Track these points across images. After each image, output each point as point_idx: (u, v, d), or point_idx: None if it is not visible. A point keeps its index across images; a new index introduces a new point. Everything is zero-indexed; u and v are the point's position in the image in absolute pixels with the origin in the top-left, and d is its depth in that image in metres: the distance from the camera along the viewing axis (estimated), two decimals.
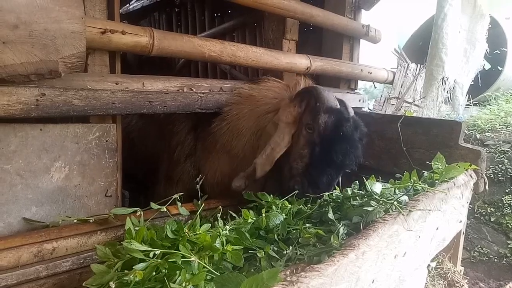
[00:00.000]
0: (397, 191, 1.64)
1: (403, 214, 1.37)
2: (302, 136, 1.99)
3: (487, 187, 2.25)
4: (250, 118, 2.28)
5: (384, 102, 4.94)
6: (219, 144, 2.35)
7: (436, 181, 1.87)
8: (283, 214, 1.63)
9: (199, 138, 2.55)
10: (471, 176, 2.14)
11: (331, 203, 1.68)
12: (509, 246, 4.65)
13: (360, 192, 1.72)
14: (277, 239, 1.48)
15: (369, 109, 5.23)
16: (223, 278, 1.05)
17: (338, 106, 2.01)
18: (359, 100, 3.62)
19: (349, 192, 1.71)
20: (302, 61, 3.02)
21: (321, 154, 1.91)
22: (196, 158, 2.51)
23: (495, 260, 4.74)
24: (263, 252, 1.40)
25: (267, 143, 2.01)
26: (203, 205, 1.62)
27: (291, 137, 2.00)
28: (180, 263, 1.20)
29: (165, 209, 1.62)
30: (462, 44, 3.46)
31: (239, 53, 2.56)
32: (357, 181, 1.87)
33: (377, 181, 1.75)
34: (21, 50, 1.51)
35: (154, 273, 1.16)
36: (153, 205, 1.65)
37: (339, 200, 1.72)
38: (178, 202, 1.78)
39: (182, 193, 1.77)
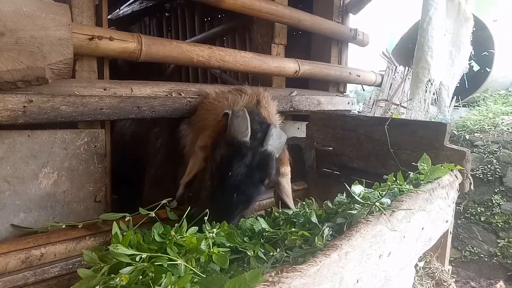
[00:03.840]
0: (380, 193, 1.66)
1: (385, 214, 1.40)
2: (209, 166, 1.85)
3: (472, 187, 2.28)
4: (196, 134, 2.18)
5: (373, 104, 4.99)
6: (186, 148, 2.29)
7: (421, 182, 1.90)
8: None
9: (177, 139, 2.53)
10: (456, 177, 2.17)
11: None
12: (499, 245, 4.70)
13: (344, 199, 1.74)
14: (263, 242, 1.50)
15: (358, 111, 5.28)
16: (208, 280, 1.07)
17: (245, 138, 1.75)
18: (348, 103, 3.67)
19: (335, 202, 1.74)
20: (290, 65, 3.06)
21: (217, 189, 1.75)
22: (174, 160, 2.49)
23: (486, 259, 4.79)
24: (252, 251, 1.42)
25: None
26: (189, 208, 1.63)
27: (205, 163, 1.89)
28: (166, 266, 1.21)
29: (153, 215, 1.63)
30: (448, 47, 3.51)
31: (227, 58, 2.59)
32: (339, 193, 1.87)
33: (362, 184, 1.77)
34: (8, 57, 1.52)
35: (140, 277, 1.18)
36: (142, 211, 1.65)
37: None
38: (166, 207, 1.79)
39: (171, 199, 1.77)
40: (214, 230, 1.47)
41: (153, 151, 2.69)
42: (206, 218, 1.57)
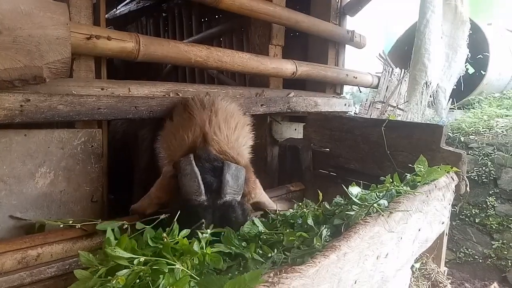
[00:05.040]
0: (377, 195, 1.67)
1: (383, 216, 1.40)
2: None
3: (468, 189, 2.29)
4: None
5: (369, 106, 5.01)
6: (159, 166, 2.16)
7: (418, 183, 1.90)
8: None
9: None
10: (453, 178, 2.18)
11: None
12: (493, 246, 4.73)
13: (341, 201, 1.74)
14: (261, 244, 1.50)
15: (355, 113, 5.30)
16: (206, 281, 1.06)
17: (200, 198, 1.66)
18: (345, 105, 3.68)
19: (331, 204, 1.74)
20: (288, 66, 3.06)
21: None
22: (155, 166, 2.30)
23: (480, 260, 4.81)
24: (250, 253, 1.42)
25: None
26: (179, 212, 1.61)
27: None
28: (166, 270, 1.20)
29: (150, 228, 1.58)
30: (444, 50, 3.54)
31: (225, 59, 2.59)
32: (337, 195, 1.85)
33: (359, 185, 1.78)
34: (5, 56, 1.51)
35: (137, 281, 1.17)
36: (139, 225, 1.60)
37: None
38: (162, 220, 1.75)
39: (168, 214, 1.65)
40: (208, 231, 1.46)
41: (140, 154, 2.65)
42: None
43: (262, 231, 1.63)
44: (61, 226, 1.68)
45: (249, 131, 2.16)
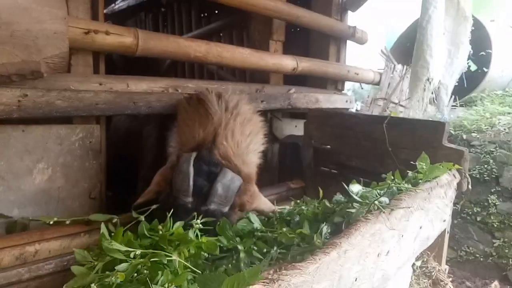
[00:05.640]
0: (379, 192, 1.65)
1: (384, 213, 1.39)
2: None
3: (470, 186, 2.26)
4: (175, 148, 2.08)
5: (371, 103, 4.98)
6: (167, 159, 2.15)
7: (420, 181, 1.89)
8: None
9: (164, 141, 2.39)
10: (455, 176, 2.16)
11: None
12: (494, 245, 4.71)
13: (341, 198, 1.72)
14: (255, 241, 1.49)
15: (356, 110, 5.27)
16: (205, 277, 1.05)
17: (186, 199, 1.64)
18: (346, 101, 3.65)
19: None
20: (288, 62, 3.04)
21: None
22: (163, 163, 2.39)
23: (481, 259, 4.80)
24: (244, 248, 1.41)
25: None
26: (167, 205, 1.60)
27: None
28: (165, 262, 1.18)
29: (142, 218, 1.57)
30: (446, 46, 3.51)
31: (225, 54, 2.57)
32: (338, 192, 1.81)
33: (360, 183, 1.76)
34: (2, 50, 1.49)
35: (135, 274, 1.15)
36: (135, 214, 1.60)
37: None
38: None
39: (158, 205, 1.68)
40: (199, 220, 1.43)
41: (145, 150, 2.64)
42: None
43: (258, 228, 1.61)
44: (51, 223, 1.64)
45: (262, 137, 2.12)
